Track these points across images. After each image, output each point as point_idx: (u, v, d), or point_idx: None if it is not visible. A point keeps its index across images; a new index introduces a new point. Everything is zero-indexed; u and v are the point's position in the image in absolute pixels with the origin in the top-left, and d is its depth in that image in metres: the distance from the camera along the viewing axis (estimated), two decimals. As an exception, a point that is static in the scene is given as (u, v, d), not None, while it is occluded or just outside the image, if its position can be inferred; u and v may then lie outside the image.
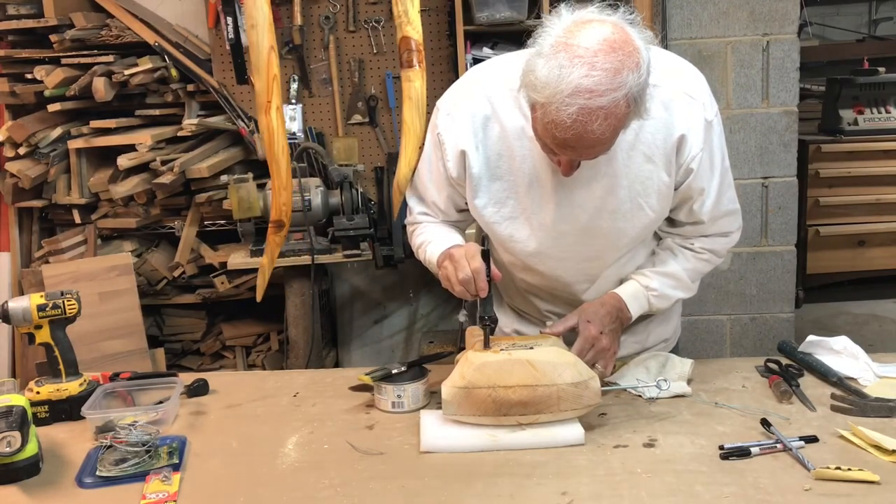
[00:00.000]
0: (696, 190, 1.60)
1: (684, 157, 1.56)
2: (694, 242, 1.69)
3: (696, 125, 1.55)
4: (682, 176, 1.58)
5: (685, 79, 1.58)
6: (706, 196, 1.61)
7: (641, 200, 1.58)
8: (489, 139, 1.60)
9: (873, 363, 1.64)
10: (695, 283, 1.73)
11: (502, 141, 1.59)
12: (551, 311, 1.78)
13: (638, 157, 1.55)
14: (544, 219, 1.61)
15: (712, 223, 1.66)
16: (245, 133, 3.14)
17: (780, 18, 2.97)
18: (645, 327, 1.81)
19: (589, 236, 1.62)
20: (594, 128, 1.32)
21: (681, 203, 1.64)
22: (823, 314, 4.13)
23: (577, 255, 1.65)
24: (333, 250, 3.04)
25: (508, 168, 1.60)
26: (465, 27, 3.03)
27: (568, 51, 1.32)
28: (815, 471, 1.27)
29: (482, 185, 1.62)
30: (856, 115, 3.98)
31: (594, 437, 1.43)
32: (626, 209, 1.58)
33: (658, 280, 1.68)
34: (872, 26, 4.91)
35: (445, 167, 1.65)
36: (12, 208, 3.29)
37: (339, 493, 1.30)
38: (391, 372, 1.61)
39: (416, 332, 3.65)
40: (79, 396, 1.60)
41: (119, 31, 3.14)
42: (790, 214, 3.13)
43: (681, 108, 1.54)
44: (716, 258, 1.72)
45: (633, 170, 1.56)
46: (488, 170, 1.61)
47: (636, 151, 1.55)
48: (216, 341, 3.43)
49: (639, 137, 1.54)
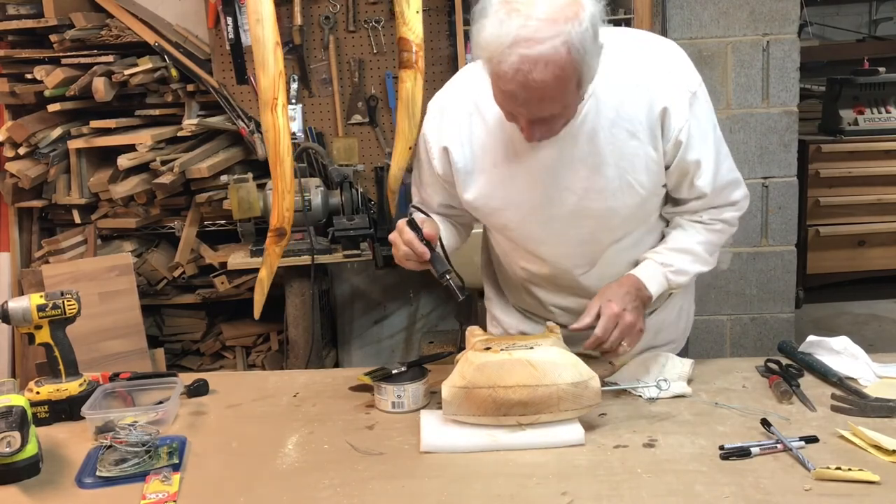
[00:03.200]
0: (692, 163, 1.58)
1: (671, 130, 1.54)
2: (703, 215, 1.67)
3: (678, 97, 1.54)
4: (672, 150, 1.56)
5: (662, 53, 1.59)
6: (703, 168, 1.59)
7: (630, 178, 1.57)
8: (473, 135, 1.62)
9: (873, 363, 1.64)
10: (712, 255, 1.69)
11: (486, 135, 1.61)
12: (556, 305, 1.77)
13: (621, 134, 1.54)
14: (533, 204, 1.61)
15: (716, 195, 1.64)
16: (245, 133, 3.14)
17: (780, 18, 2.97)
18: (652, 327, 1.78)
19: (579, 218, 1.61)
20: (536, 76, 1.33)
21: (680, 179, 1.62)
22: (823, 314, 4.14)
23: (571, 239, 1.65)
24: (333, 250, 3.05)
25: (493, 160, 1.61)
26: (465, 27, 3.03)
27: (506, 5, 1.35)
28: (816, 471, 1.27)
29: (470, 180, 1.64)
30: (856, 115, 3.99)
31: (594, 437, 1.43)
32: (615, 188, 1.57)
33: (672, 256, 1.66)
34: (872, 26, 4.92)
35: (432, 165, 1.67)
36: (12, 208, 3.30)
37: (339, 493, 1.30)
38: (391, 372, 1.61)
39: (416, 332, 3.66)
40: (79, 396, 1.60)
41: (119, 31, 3.14)
42: (790, 214, 3.13)
43: (660, 81, 1.54)
44: (729, 227, 1.70)
45: (618, 147, 1.55)
46: (474, 164, 1.63)
47: (618, 129, 1.54)
48: (216, 341, 3.43)
49: (620, 114, 1.53)
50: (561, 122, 1.46)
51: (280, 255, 2.27)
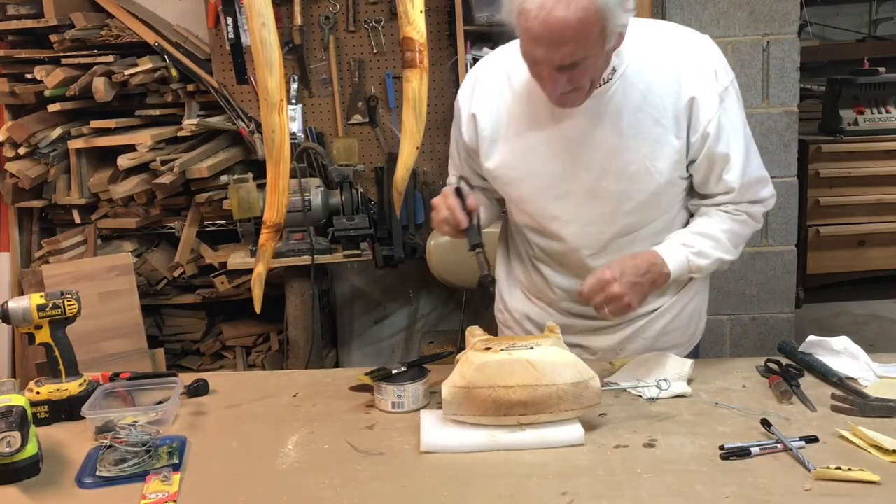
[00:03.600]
0: (721, 156, 1.59)
1: (699, 121, 1.56)
2: (728, 207, 1.67)
3: (708, 90, 1.56)
4: (699, 141, 1.58)
5: (697, 45, 1.61)
6: (732, 162, 1.60)
7: (649, 163, 1.58)
8: (502, 105, 1.67)
9: (873, 363, 1.64)
10: (736, 247, 1.68)
11: (514, 104, 1.65)
12: (560, 286, 1.76)
13: (646, 120, 1.56)
14: (551, 178, 1.64)
15: (744, 191, 1.64)
16: (245, 133, 3.14)
17: (780, 18, 2.97)
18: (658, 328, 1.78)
19: (594, 198, 1.63)
20: (557, 13, 1.36)
21: (707, 172, 1.63)
22: (824, 314, 4.14)
23: (583, 218, 1.66)
24: (333, 250, 3.05)
25: (517, 130, 1.65)
26: (465, 27, 3.03)
27: None
28: (816, 471, 1.27)
29: (494, 149, 1.68)
30: (856, 115, 3.99)
31: (594, 437, 1.43)
32: (633, 171, 1.59)
33: (695, 238, 1.64)
34: (872, 26, 4.91)
35: (461, 133, 1.74)
36: (12, 208, 3.30)
37: (339, 493, 1.30)
38: (391, 372, 1.61)
39: (416, 332, 3.66)
40: (79, 396, 1.60)
41: (119, 31, 3.14)
42: (790, 214, 3.12)
43: (691, 72, 1.56)
44: (754, 223, 1.69)
45: (641, 132, 1.57)
46: (499, 133, 1.67)
47: (644, 114, 1.56)
48: (216, 341, 3.43)
49: (647, 99, 1.56)
50: (585, 78, 1.47)
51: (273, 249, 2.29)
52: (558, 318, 1.78)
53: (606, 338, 1.78)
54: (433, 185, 3.29)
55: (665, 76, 1.56)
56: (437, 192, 1.72)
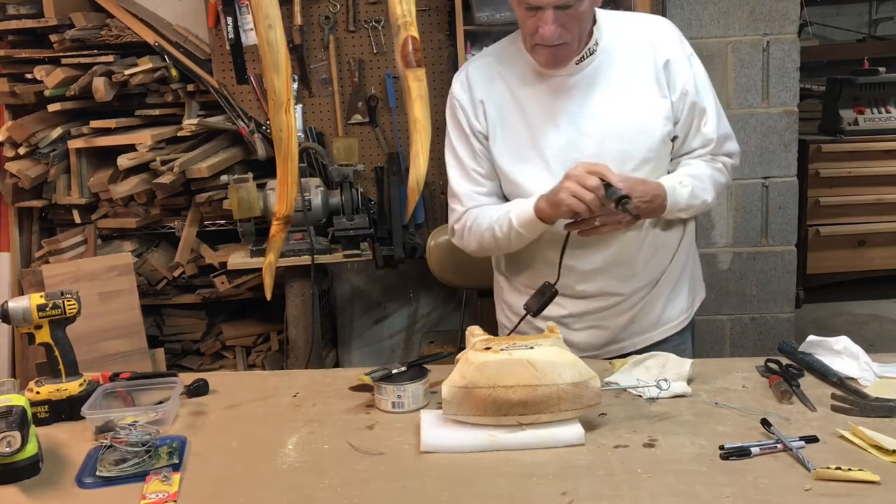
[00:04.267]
0: (699, 110, 1.78)
1: (676, 81, 1.75)
2: (706, 157, 1.82)
3: (678, 53, 1.78)
4: (679, 101, 1.76)
5: (660, 20, 1.86)
6: (708, 115, 1.79)
7: (642, 122, 1.74)
8: (496, 94, 1.80)
9: (873, 363, 1.64)
10: (717, 194, 1.82)
11: (508, 94, 1.79)
12: (573, 268, 1.78)
13: (632, 83, 1.75)
14: (557, 151, 1.75)
15: (720, 143, 1.81)
16: (245, 133, 3.13)
17: (780, 18, 2.97)
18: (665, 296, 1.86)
19: (598, 161, 1.68)
20: None
21: (688, 126, 1.79)
22: (824, 314, 4.14)
23: None
24: (333, 250, 3.04)
25: (516, 116, 1.78)
26: (465, 27, 3.03)
27: None
28: (816, 471, 1.27)
29: (497, 135, 1.79)
30: (856, 115, 3.98)
31: (594, 437, 1.43)
32: (630, 131, 1.74)
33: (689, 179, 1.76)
34: (872, 26, 4.91)
35: (471, 125, 1.81)
36: (12, 208, 3.29)
37: (339, 493, 1.30)
38: (391, 372, 1.61)
39: (416, 332, 3.66)
40: (79, 396, 1.60)
41: (119, 31, 3.14)
42: (790, 214, 3.12)
43: (661, 39, 1.78)
44: (727, 172, 1.85)
45: (630, 95, 1.74)
46: (500, 120, 1.79)
47: (629, 78, 1.75)
48: (216, 341, 3.43)
49: (628, 65, 1.75)
50: (575, 28, 1.64)
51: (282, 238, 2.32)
52: (572, 307, 1.83)
53: (621, 317, 1.84)
54: (433, 184, 3.29)
55: (639, 44, 1.76)
56: (437, 192, 1.74)
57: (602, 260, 1.79)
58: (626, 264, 1.80)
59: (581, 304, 1.83)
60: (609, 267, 1.80)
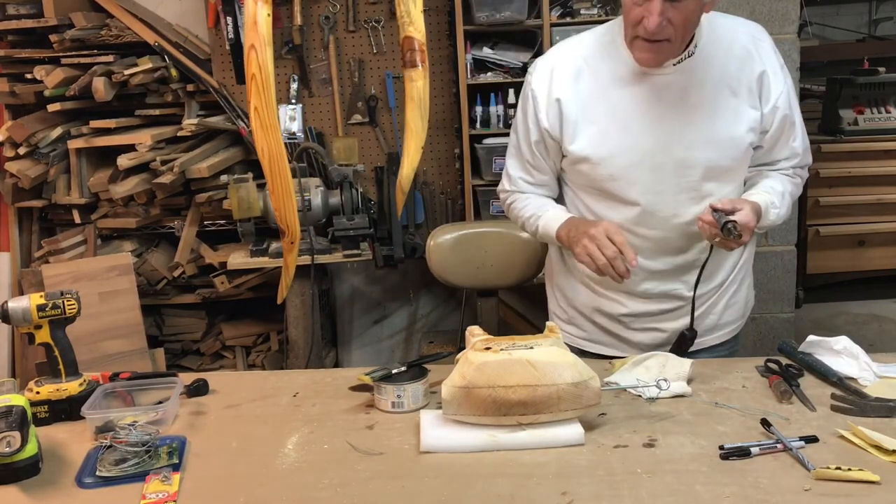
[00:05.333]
0: (789, 123, 1.77)
1: (770, 93, 1.73)
2: (789, 170, 1.83)
3: (774, 65, 1.75)
4: (771, 113, 1.74)
5: (757, 28, 1.81)
6: (797, 129, 1.79)
7: (731, 132, 1.72)
8: (582, 88, 1.76)
9: (873, 363, 1.64)
10: (790, 209, 1.82)
11: (596, 89, 1.75)
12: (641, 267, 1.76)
13: (725, 91, 1.72)
14: (644, 153, 1.72)
15: (805, 154, 1.83)
16: (245, 133, 3.14)
17: (780, 18, 2.97)
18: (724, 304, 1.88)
19: (685, 167, 1.73)
20: None
21: (777, 139, 1.78)
22: (823, 314, 4.13)
23: (674, 187, 1.74)
24: (333, 250, 3.05)
25: (604, 112, 1.74)
26: (465, 27, 3.03)
27: None
28: (815, 471, 1.27)
29: (579, 130, 1.75)
30: (856, 115, 3.98)
31: (594, 437, 1.43)
32: (719, 139, 1.72)
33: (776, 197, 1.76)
34: (872, 26, 4.91)
35: (538, 120, 1.78)
36: (12, 208, 3.30)
37: (339, 493, 1.30)
38: (391, 372, 1.61)
39: (416, 332, 3.66)
40: (79, 396, 1.60)
41: (119, 31, 3.14)
42: (790, 214, 3.12)
43: (758, 49, 1.75)
44: (801, 184, 1.87)
45: (721, 103, 1.72)
46: (584, 115, 1.75)
47: (723, 85, 1.72)
48: (216, 341, 3.43)
49: (724, 72, 1.72)
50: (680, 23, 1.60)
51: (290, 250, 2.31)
52: (633, 306, 1.84)
53: (680, 321, 1.84)
54: (433, 185, 3.29)
55: (736, 51, 1.73)
56: (437, 192, 1.73)
57: (671, 262, 1.79)
58: (695, 270, 1.78)
59: (642, 304, 1.83)
60: (677, 271, 1.80)
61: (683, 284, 1.81)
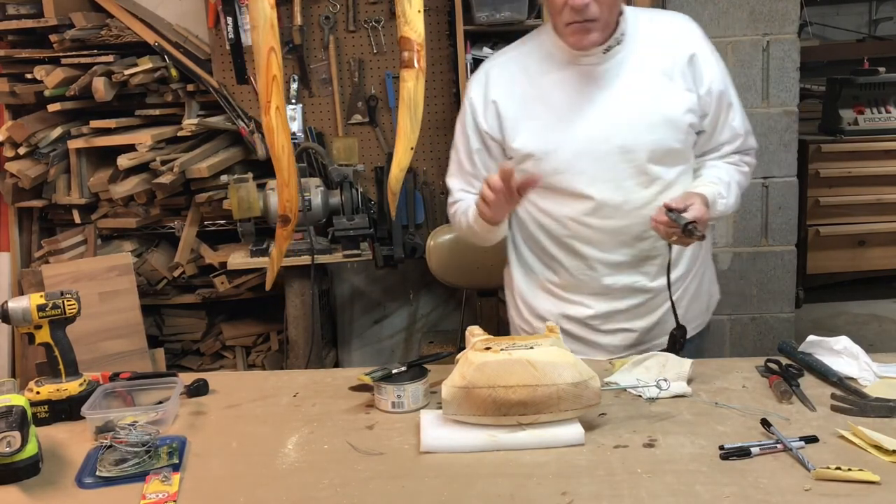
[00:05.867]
0: (727, 104, 1.81)
1: (702, 75, 1.77)
2: (733, 157, 1.86)
3: (703, 48, 1.79)
4: (706, 95, 1.77)
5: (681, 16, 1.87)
6: (734, 109, 1.82)
7: (670, 113, 1.75)
8: (517, 88, 1.80)
9: (873, 363, 1.64)
10: (739, 199, 1.85)
11: (530, 86, 1.79)
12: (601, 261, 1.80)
13: (658, 75, 1.75)
14: (587, 141, 1.74)
15: (747, 136, 1.86)
16: (245, 133, 3.14)
17: (780, 18, 2.97)
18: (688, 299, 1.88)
19: (628, 152, 1.74)
20: None
21: (717, 121, 1.81)
22: (823, 314, 4.13)
23: (622, 173, 1.75)
24: (333, 250, 3.05)
25: (541, 107, 1.77)
26: (465, 27, 3.03)
27: None
28: (815, 471, 1.27)
29: (520, 127, 1.78)
30: (856, 115, 3.98)
31: (594, 437, 1.43)
32: (658, 121, 1.74)
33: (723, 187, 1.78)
34: (872, 26, 4.91)
35: (477, 126, 1.82)
36: (12, 208, 3.30)
37: (339, 493, 1.30)
38: (391, 372, 1.61)
39: (416, 332, 3.66)
40: (79, 396, 1.60)
41: (119, 31, 3.14)
42: (790, 214, 3.12)
43: (684, 34, 1.80)
44: (750, 174, 1.89)
45: (656, 86, 1.75)
46: (522, 112, 1.78)
47: (655, 70, 1.76)
48: (216, 341, 3.43)
49: (654, 58, 1.76)
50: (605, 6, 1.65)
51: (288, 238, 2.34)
52: (599, 306, 1.84)
53: (648, 317, 1.85)
54: (433, 185, 3.29)
55: (664, 37, 1.78)
56: (437, 192, 1.74)
57: (629, 252, 1.79)
58: (654, 259, 1.80)
59: (608, 303, 1.83)
60: (635, 261, 1.80)
61: (644, 276, 1.81)
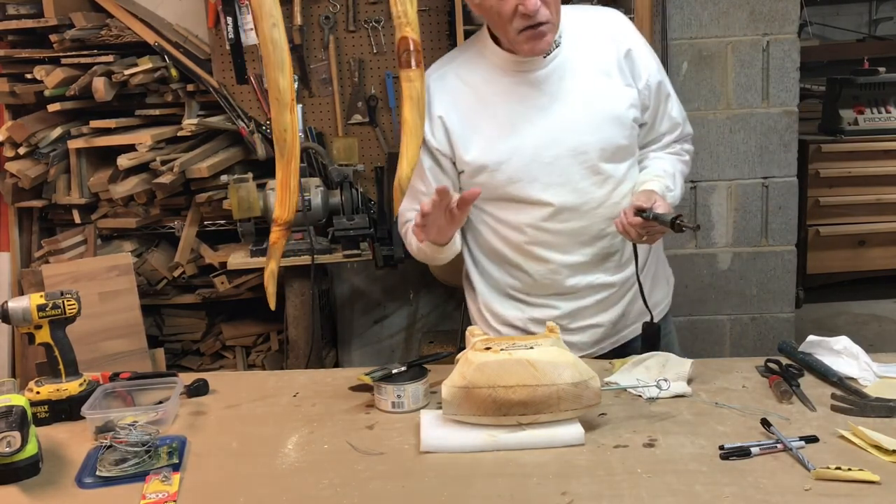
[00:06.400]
0: (664, 95, 1.85)
1: (640, 69, 1.79)
2: (674, 146, 1.90)
3: (637, 43, 1.81)
4: (644, 88, 1.80)
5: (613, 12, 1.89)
6: (671, 99, 1.86)
7: (614, 111, 1.76)
8: (459, 100, 1.79)
9: (873, 363, 1.64)
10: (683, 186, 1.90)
11: (474, 98, 1.78)
12: (564, 264, 1.80)
13: (598, 74, 1.77)
14: (536, 147, 1.74)
15: (685, 124, 1.91)
16: (245, 133, 3.13)
17: (780, 18, 2.97)
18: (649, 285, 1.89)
19: (579, 153, 1.75)
20: None
21: (656, 111, 1.85)
22: (823, 314, 4.13)
23: (575, 175, 1.76)
24: (333, 250, 3.04)
25: (487, 119, 1.77)
26: (465, 27, 3.02)
27: None
28: (815, 471, 1.27)
29: (468, 141, 1.77)
30: (856, 115, 3.99)
31: (594, 437, 1.43)
32: (603, 120, 1.76)
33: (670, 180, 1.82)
34: (872, 26, 4.92)
35: (426, 143, 1.80)
36: (12, 208, 3.29)
37: (339, 493, 1.30)
38: (391, 372, 1.62)
39: (416, 332, 3.65)
40: (79, 396, 1.60)
41: (119, 31, 3.14)
42: (790, 214, 3.13)
43: (618, 30, 1.81)
44: (690, 161, 1.95)
45: (598, 86, 1.77)
46: (469, 126, 1.77)
47: (595, 69, 1.77)
48: (216, 341, 3.43)
49: (592, 57, 1.77)
50: (554, 9, 1.66)
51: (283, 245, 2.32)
52: (566, 306, 1.84)
53: (614, 310, 1.86)
54: (433, 185, 3.29)
55: (599, 36, 1.79)
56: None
57: (589, 253, 1.81)
58: (614, 255, 1.83)
59: (574, 302, 1.84)
60: (595, 260, 1.82)
61: (604, 272, 1.83)
